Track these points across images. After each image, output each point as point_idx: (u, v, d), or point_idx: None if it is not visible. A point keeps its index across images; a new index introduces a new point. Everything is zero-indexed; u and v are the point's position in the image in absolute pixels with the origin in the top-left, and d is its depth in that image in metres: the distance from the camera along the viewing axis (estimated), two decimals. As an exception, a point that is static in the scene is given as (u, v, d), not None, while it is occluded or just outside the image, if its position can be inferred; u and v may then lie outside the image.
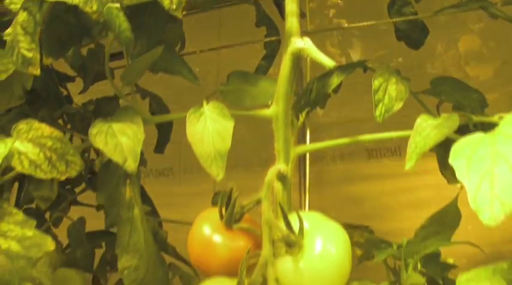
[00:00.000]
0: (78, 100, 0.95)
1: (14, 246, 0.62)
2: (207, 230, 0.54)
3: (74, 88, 0.95)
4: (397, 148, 1.00)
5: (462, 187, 0.80)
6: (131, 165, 0.59)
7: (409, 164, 0.62)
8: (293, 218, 0.53)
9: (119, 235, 0.70)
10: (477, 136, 0.52)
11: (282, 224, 0.52)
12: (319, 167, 0.94)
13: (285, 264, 0.51)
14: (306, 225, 0.52)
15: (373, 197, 0.92)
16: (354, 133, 0.97)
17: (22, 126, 0.63)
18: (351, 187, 0.67)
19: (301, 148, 0.66)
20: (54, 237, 0.83)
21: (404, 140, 0.83)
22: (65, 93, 0.95)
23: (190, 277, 0.80)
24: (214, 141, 0.56)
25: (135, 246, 0.69)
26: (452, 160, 0.50)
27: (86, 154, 0.88)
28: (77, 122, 0.90)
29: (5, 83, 0.70)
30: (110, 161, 0.73)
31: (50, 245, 0.63)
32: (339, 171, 0.92)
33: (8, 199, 0.81)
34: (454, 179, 0.80)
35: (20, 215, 0.63)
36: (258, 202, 0.53)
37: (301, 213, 0.53)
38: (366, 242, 0.83)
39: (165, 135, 0.95)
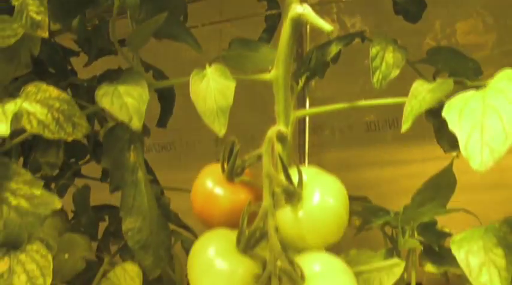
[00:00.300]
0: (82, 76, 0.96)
1: (23, 203, 0.64)
2: (209, 183, 0.56)
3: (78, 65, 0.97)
4: (395, 120, 1.02)
5: (459, 155, 0.82)
6: (136, 123, 0.61)
7: (405, 126, 0.64)
8: (292, 172, 0.55)
9: (123, 198, 0.73)
10: (469, 93, 0.54)
11: (282, 177, 0.54)
12: (319, 140, 0.96)
13: (285, 214, 0.53)
14: (304, 178, 0.54)
15: (372, 169, 0.94)
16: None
17: (31, 88, 0.65)
18: (350, 159, 0.69)
19: (300, 112, 0.68)
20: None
21: (402, 112, 0.85)
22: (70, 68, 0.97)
23: (192, 243, 0.81)
24: (217, 98, 0.58)
25: (138, 209, 0.71)
26: (445, 113, 0.52)
27: (90, 126, 0.89)
28: (82, 94, 0.92)
29: (13, 50, 0.72)
30: (114, 127, 0.76)
31: (57, 203, 0.65)
32: (337, 144, 0.94)
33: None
34: (450, 148, 0.82)
35: (28, 176, 0.66)
36: (259, 157, 0.55)
37: (301, 167, 0.55)
38: (364, 210, 0.84)
39: (167, 109, 0.97)
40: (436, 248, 0.79)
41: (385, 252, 0.79)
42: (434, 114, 0.81)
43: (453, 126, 0.50)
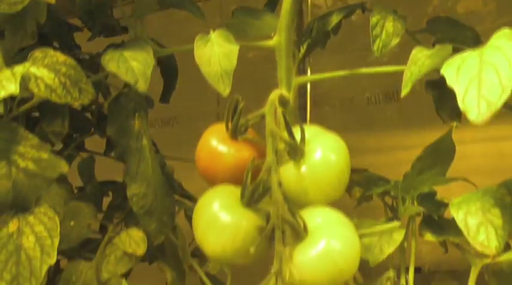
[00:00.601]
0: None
1: (31, 166, 0.65)
2: (213, 141, 0.57)
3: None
4: (395, 93, 1.03)
5: (456, 126, 0.83)
6: (142, 85, 0.63)
7: (404, 91, 0.65)
8: (295, 131, 0.56)
9: (127, 165, 0.74)
10: (467, 52, 0.56)
11: (284, 134, 0.55)
12: (319, 114, 0.97)
13: (288, 170, 0.55)
14: (307, 136, 0.56)
15: (372, 141, 0.96)
16: (352, 82, 1.01)
17: (38, 53, 0.67)
18: (349, 133, 0.70)
19: (302, 79, 0.69)
20: (64, 179, 0.87)
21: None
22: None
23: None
24: (221, 61, 0.60)
25: (143, 175, 0.73)
26: (443, 70, 0.53)
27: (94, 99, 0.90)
28: (85, 69, 0.93)
29: (19, 19, 0.73)
30: (119, 96, 0.77)
31: (64, 167, 0.67)
32: (337, 117, 0.95)
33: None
34: (449, 118, 0.83)
35: (35, 140, 0.67)
36: (262, 117, 0.57)
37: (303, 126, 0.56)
38: (364, 179, 0.85)
39: (170, 84, 0.98)
40: (436, 217, 0.80)
41: (385, 222, 0.80)
42: (433, 85, 0.82)
43: (451, 82, 0.52)
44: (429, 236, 0.79)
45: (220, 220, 0.53)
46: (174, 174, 0.84)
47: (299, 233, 0.51)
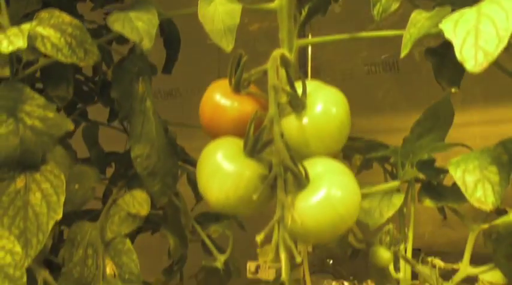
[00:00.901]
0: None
1: (38, 124, 0.67)
2: (217, 95, 0.59)
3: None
4: (395, 63, 1.04)
5: (455, 92, 0.84)
6: (147, 44, 0.64)
7: (403, 52, 0.66)
8: (297, 85, 0.57)
9: (131, 127, 0.75)
10: (465, 9, 0.57)
11: (287, 88, 0.56)
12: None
13: (290, 122, 0.56)
14: (308, 89, 0.57)
15: (372, 110, 0.97)
16: (352, 53, 1.02)
17: (44, 14, 0.68)
18: (350, 102, 0.71)
19: (303, 41, 0.71)
20: (69, 146, 0.88)
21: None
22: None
23: (197, 175, 0.84)
24: (224, 19, 0.61)
25: (147, 136, 0.74)
26: (442, 25, 0.55)
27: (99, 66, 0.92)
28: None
29: (23, -15, 0.74)
30: (123, 60, 0.79)
31: (69, 125, 0.68)
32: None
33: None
34: (448, 85, 0.84)
35: (41, 100, 0.68)
36: (265, 72, 0.58)
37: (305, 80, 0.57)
38: (365, 146, 0.87)
39: (173, 54, 0.99)
40: (435, 183, 0.81)
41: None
42: (433, 53, 0.83)
43: (449, 34, 0.53)
44: (428, 202, 0.81)
45: (224, 169, 0.54)
46: (176, 139, 0.86)
47: (301, 181, 0.52)
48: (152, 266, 0.92)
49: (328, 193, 0.52)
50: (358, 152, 0.89)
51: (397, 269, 0.76)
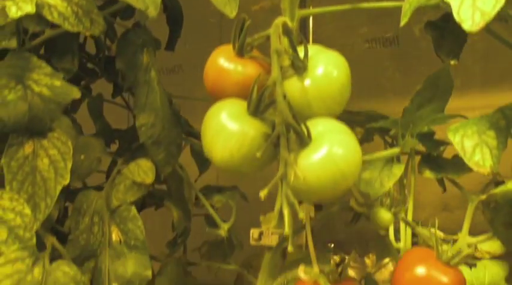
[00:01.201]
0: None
1: (45, 91, 0.68)
2: (221, 59, 0.60)
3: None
4: (395, 38, 1.05)
5: (454, 64, 0.85)
6: (152, 11, 0.65)
7: (403, 20, 0.67)
8: (299, 49, 0.58)
9: (136, 97, 0.77)
10: (464, -27, 0.58)
11: (289, 51, 0.58)
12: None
13: (292, 84, 0.57)
14: (310, 53, 0.58)
15: (372, 84, 0.98)
16: (353, 28, 1.03)
17: (51, -17, 0.69)
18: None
19: (305, 11, 0.72)
20: (73, 120, 0.89)
21: (402, 30, 0.88)
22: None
23: (200, 147, 0.86)
24: (227, -14, 0.62)
25: (151, 105, 0.75)
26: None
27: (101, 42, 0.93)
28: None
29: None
30: (128, 32, 0.80)
31: (76, 93, 0.69)
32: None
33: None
34: (447, 57, 0.86)
35: (48, 69, 0.70)
36: (267, 37, 0.59)
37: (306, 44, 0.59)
38: (366, 119, 0.88)
39: (175, 32, 1.00)
40: (435, 154, 0.82)
41: (385, 159, 0.82)
42: (433, 26, 0.85)
43: (446, -3, 0.54)
44: (428, 173, 0.82)
45: (228, 128, 0.55)
46: (180, 111, 0.87)
47: (303, 140, 0.54)
48: (156, 242, 0.93)
49: (330, 150, 0.53)
50: (358, 126, 0.90)
51: (397, 239, 0.78)
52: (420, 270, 0.62)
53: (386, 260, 0.94)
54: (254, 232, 0.69)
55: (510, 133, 0.68)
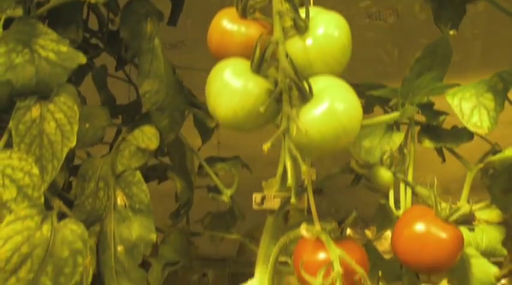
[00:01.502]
0: None
1: (52, 56, 0.69)
2: (224, 21, 0.61)
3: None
4: (395, 10, 1.06)
5: (453, 34, 0.87)
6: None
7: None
8: (300, 10, 0.60)
9: (140, 65, 0.78)
10: None
11: (290, 12, 0.59)
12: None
13: (294, 44, 0.58)
14: (311, 14, 0.60)
15: (373, 57, 0.99)
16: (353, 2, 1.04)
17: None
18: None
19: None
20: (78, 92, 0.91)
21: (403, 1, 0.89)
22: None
23: (203, 116, 0.87)
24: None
25: (155, 72, 0.77)
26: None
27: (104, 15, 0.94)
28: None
29: None
30: (131, 2, 0.81)
31: (82, 58, 0.71)
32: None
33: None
34: (446, 27, 0.87)
35: (54, 35, 0.71)
36: (269, 1, 0.60)
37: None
38: (366, 89, 0.89)
39: (177, 7, 1.02)
40: (434, 124, 0.84)
41: (385, 127, 0.84)
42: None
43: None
44: (427, 143, 0.83)
45: (231, 85, 0.56)
46: (182, 82, 0.88)
47: (305, 95, 0.55)
48: (159, 215, 0.94)
49: (331, 105, 0.54)
50: (359, 97, 0.91)
51: (397, 207, 0.79)
52: (419, 226, 0.63)
53: (387, 231, 0.95)
54: (256, 196, 0.70)
55: (507, 95, 0.70)
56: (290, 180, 0.54)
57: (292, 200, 0.55)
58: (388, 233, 0.96)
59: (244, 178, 0.93)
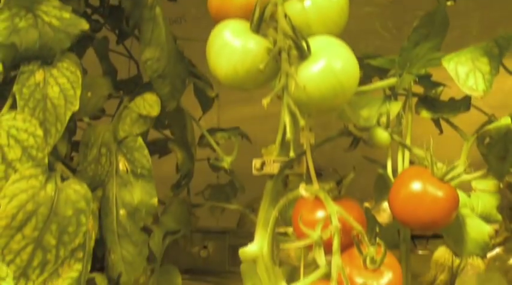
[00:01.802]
0: None
1: (55, 22, 0.70)
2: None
3: None
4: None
5: (451, 4, 0.88)
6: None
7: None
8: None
9: (141, 33, 0.79)
10: None
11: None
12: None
13: (292, 5, 0.59)
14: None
15: (371, 32, 1.00)
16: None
17: None
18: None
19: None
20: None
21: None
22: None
23: (204, 85, 0.88)
24: None
25: (157, 40, 0.78)
26: None
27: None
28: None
29: None
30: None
31: (84, 25, 0.72)
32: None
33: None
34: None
35: (56, 2, 0.72)
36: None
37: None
38: (365, 69, 0.90)
39: (178, -20, 1.03)
40: (432, 95, 0.85)
41: (383, 98, 0.85)
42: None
43: None
44: (424, 113, 0.84)
45: (231, 44, 0.58)
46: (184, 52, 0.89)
47: (303, 53, 0.56)
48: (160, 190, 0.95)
49: (329, 62, 0.55)
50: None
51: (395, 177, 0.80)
52: (415, 185, 0.64)
53: (385, 202, 0.96)
54: (256, 162, 0.71)
55: (502, 60, 0.71)
56: (289, 134, 0.55)
57: (291, 154, 0.56)
58: (386, 204, 0.97)
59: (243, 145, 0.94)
